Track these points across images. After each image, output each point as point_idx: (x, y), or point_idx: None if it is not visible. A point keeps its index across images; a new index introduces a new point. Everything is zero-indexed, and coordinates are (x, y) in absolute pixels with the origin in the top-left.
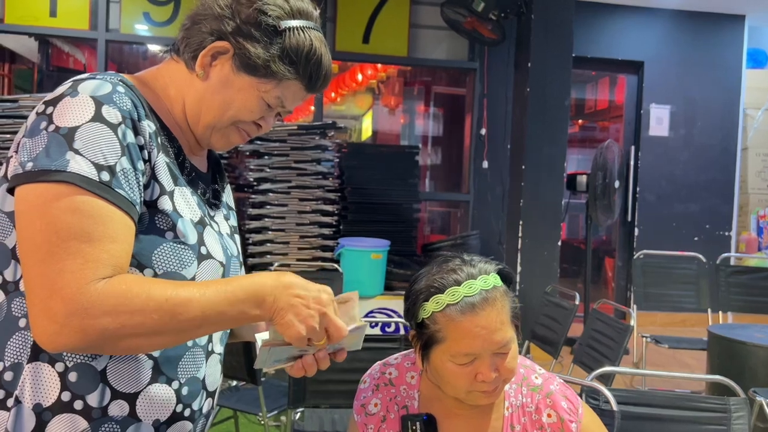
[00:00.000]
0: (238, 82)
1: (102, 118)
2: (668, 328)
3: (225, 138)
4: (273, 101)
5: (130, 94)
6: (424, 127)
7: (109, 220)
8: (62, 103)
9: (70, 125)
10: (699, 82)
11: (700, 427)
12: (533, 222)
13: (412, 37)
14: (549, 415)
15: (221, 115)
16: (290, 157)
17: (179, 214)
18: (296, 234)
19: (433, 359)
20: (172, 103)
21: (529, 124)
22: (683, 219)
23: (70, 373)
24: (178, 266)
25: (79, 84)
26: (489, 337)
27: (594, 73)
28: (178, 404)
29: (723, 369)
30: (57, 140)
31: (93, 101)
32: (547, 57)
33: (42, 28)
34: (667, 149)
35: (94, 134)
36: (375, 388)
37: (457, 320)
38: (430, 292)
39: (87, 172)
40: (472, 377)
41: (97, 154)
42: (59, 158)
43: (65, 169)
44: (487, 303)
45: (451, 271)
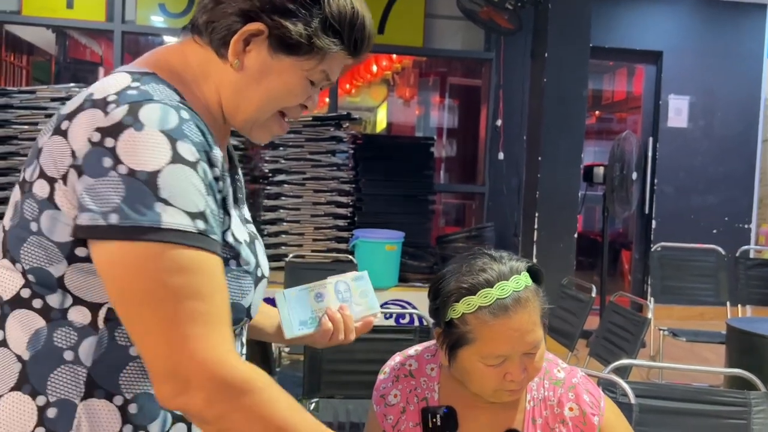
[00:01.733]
0: (278, 65)
1: (180, 158)
2: (686, 321)
3: (267, 130)
4: (318, 77)
5: (194, 117)
6: (439, 118)
7: (213, 271)
8: (127, 137)
9: (149, 169)
10: (719, 72)
11: (720, 421)
12: (549, 214)
13: (428, 27)
14: (571, 409)
15: (263, 107)
16: (305, 148)
17: (238, 240)
18: (311, 225)
19: (461, 359)
20: (207, 97)
21: (545, 115)
22: (702, 211)
23: (131, 405)
24: (240, 296)
25: (139, 111)
26: (521, 339)
27: (611, 64)
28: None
29: (742, 363)
30: (138, 189)
31: (166, 138)
32: (564, 47)
33: (59, 20)
34: (686, 140)
35: (178, 179)
36: (395, 379)
37: (490, 323)
38: (460, 293)
39: (183, 225)
40: (500, 377)
41: (187, 202)
42: (149, 212)
43: (160, 226)
44: (519, 304)
45: (481, 270)
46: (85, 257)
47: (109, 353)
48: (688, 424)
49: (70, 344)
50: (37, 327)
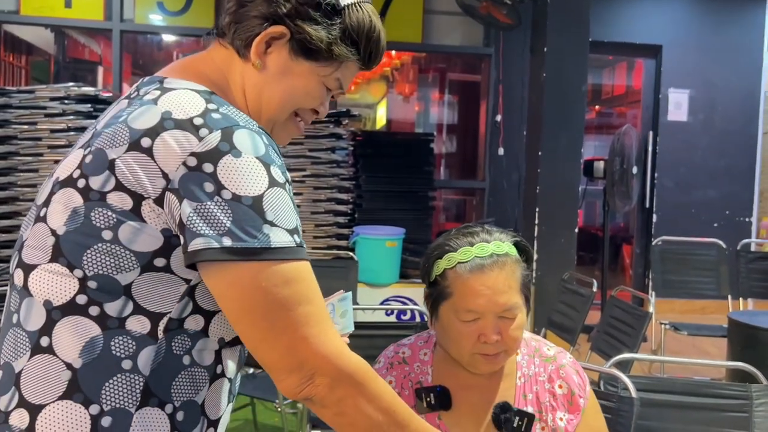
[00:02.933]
0: (298, 68)
1: (275, 181)
2: (687, 315)
3: (285, 131)
4: (333, 84)
5: (271, 140)
6: (438, 114)
7: (311, 277)
8: (226, 164)
9: (254, 194)
10: (718, 66)
11: (722, 414)
12: (550, 209)
13: (426, 23)
14: (560, 386)
15: (283, 107)
16: (305, 145)
17: None
18: (311, 222)
19: (440, 316)
20: (237, 101)
21: (545, 110)
22: (702, 205)
23: (178, 412)
24: None
25: (233, 138)
26: (493, 297)
27: (611, 58)
28: (229, 404)
29: (744, 356)
30: (246, 212)
31: (261, 164)
32: (564, 42)
33: (57, 19)
34: (686, 134)
35: (277, 201)
36: (389, 366)
37: (465, 277)
38: (444, 250)
39: (287, 242)
40: (475, 337)
41: (286, 221)
42: (259, 234)
43: (270, 246)
44: (497, 265)
45: (468, 234)
46: (163, 267)
47: (166, 362)
48: (690, 417)
49: (129, 353)
50: (93, 335)
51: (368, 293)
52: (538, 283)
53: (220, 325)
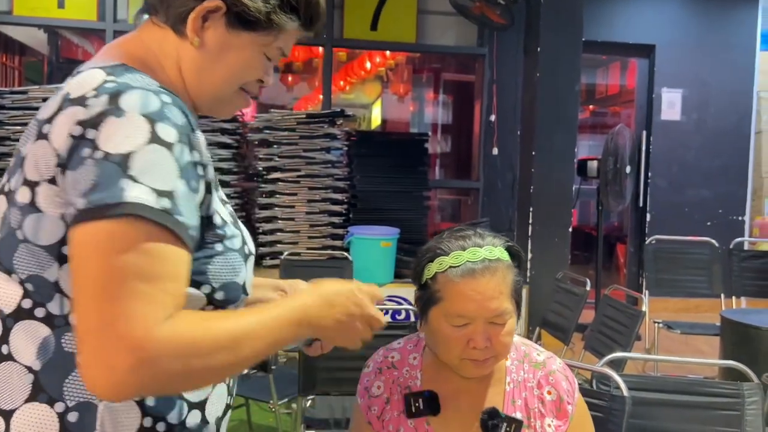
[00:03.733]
0: (236, 41)
1: (157, 138)
2: (680, 313)
3: (231, 105)
4: (274, 53)
5: (178, 101)
6: (433, 114)
7: (169, 256)
8: (107, 125)
9: (123, 151)
10: (712, 65)
11: (714, 412)
12: (544, 208)
13: (421, 23)
14: (549, 392)
15: (227, 83)
16: (299, 145)
17: (224, 220)
18: (306, 223)
19: (430, 320)
20: (171, 79)
21: (539, 110)
22: (696, 204)
23: (148, 397)
24: (231, 275)
25: (120, 99)
26: (484, 303)
27: (604, 58)
28: (228, 396)
29: (736, 354)
30: (109, 169)
31: (145, 120)
32: (557, 41)
33: (50, 20)
34: (680, 134)
35: (150, 158)
36: (378, 372)
37: (456, 282)
38: (435, 253)
39: (146, 199)
40: (464, 342)
41: (155, 180)
42: (113, 188)
43: (122, 200)
44: (488, 270)
45: (460, 238)
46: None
47: None
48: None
49: None
50: (44, 336)
51: None
52: (532, 283)
53: None
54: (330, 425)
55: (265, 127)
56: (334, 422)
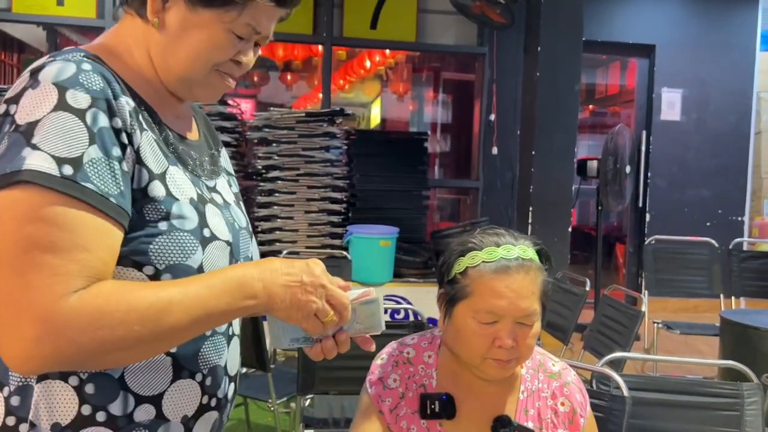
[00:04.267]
0: (198, 19)
1: (66, 105)
2: (679, 313)
3: (208, 87)
4: (243, 30)
5: (101, 68)
6: (432, 113)
7: (77, 225)
8: (24, 98)
9: (30, 120)
10: (711, 65)
11: (713, 412)
12: (543, 208)
13: (421, 22)
14: (563, 404)
15: (192, 64)
16: (298, 144)
17: (174, 198)
18: (305, 222)
19: (456, 316)
20: (141, 66)
21: (539, 110)
22: (695, 204)
23: (87, 385)
24: (180, 257)
25: (40, 72)
26: (516, 301)
27: (604, 57)
28: (204, 395)
29: (736, 354)
30: (15, 139)
31: (56, 88)
32: (557, 41)
33: (49, 17)
34: (679, 134)
35: (55, 125)
36: (394, 364)
37: (489, 277)
38: (468, 247)
39: (45, 167)
40: (490, 341)
41: (57, 147)
42: (15, 158)
43: (20, 168)
44: (522, 268)
45: (494, 234)
46: None
47: None
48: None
49: None
50: None
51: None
52: None
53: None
54: (329, 424)
55: (264, 126)
56: (333, 421)
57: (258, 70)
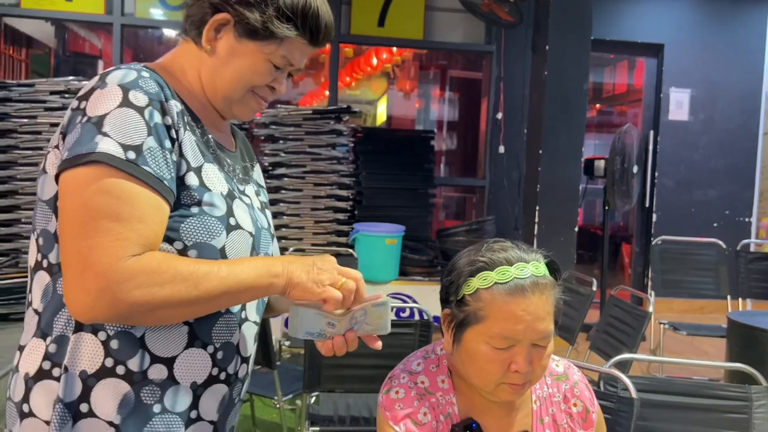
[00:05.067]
0: (243, 49)
1: (129, 102)
2: (684, 314)
3: (245, 106)
4: (279, 61)
5: (156, 77)
6: (439, 111)
7: (137, 200)
8: (93, 95)
9: (100, 113)
10: (720, 65)
11: (721, 415)
12: (550, 207)
13: (428, 20)
14: (575, 405)
15: (235, 85)
16: (305, 141)
17: (207, 188)
18: (311, 219)
19: (466, 341)
20: (191, 84)
21: (546, 109)
22: (702, 205)
23: (112, 340)
24: (206, 237)
25: (107, 76)
26: (533, 324)
27: (612, 57)
28: (214, 368)
29: (743, 357)
30: (88, 128)
31: (120, 89)
32: (566, 40)
33: (58, 13)
34: (687, 134)
35: (121, 118)
36: (419, 398)
37: (503, 300)
38: (477, 267)
39: (114, 151)
40: (505, 366)
41: (123, 136)
42: (89, 143)
43: (94, 150)
44: (537, 289)
45: (501, 250)
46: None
47: None
48: (689, 418)
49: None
50: (45, 282)
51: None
52: None
53: None
54: (334, 422)
55: (271, 123)
56: (339, 419)
57: None
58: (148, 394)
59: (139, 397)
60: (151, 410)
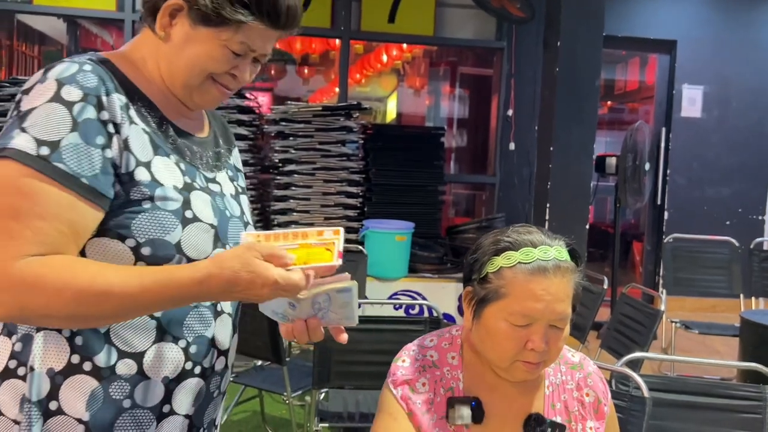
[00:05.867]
0: (198, 35)
1: (59, 97)
2: (696, 313)
3: (205, 94)
4: (238, 47)
5: (99, 70)
6: (449, 108)
7: (40, 197)
8: (33, 90)
9: (28, 108)
10: (733, 62)
11: (734, 415)
12: (561, 205)
13: (439, 16)
14: (587, 394)
15: (191, 73)
16: (315, 138)
17: (158, 182)
18: (321, 215)
19: (486, 317)
20: (151, 72)
21: (557, 105)
22: (715, 202)
23: (77, 337)
24: (160, 232)
25: (50, 70)
26: (552, 304)
27: (624, 53)
28: (187, 362)
29: (756, 356)
30: (13, 123)
31: (56, 83)
32: (577, 36)
33: (70, 9)
34: (700, 131)
35: (45, 113)
36: (421, 369)
37: (525, 279)
38: (502, 246)
39: (25, 146)
40: (521, 344)
41: (41, 131)
42: (6, 137)
43: (5, 146)
44: (559, 271)
45: (527, 232)
46: None
47: None
48: (702, 418)
49: None
50: None
51: (377, 287)
52: None
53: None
54: (344, 418)
55: (281, 119)
56: (348, 415)
57: (275, 63)
58: (117, 390)
59: (108, 392)
60: (121, 405)
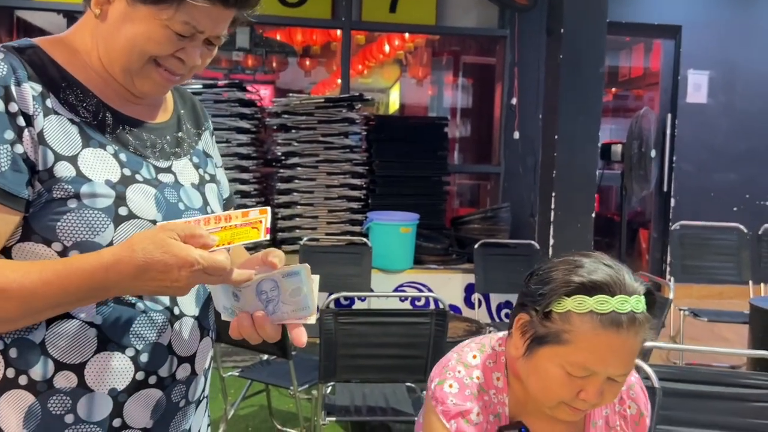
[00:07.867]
0: (136, 14)
1: None
2: (703, 300)
3: (147, 79)
4: (181, 28)
5: (11, 59)
6: (452, 98)
7: None
8: None
9: None
10: (739, 46)
11: (746, 404)
12: (566, 193)
13: (440, 4)
14: (629, 407)
15: (129, 55)
16: (317, 130)
17: (86, 178)
18: (325, 208)
19: (539, 356)
20: (90, 56)
21: (561, 93)
22: (722, 189)
23: (11, 349)
24: (88, 234)
25: None
26: (619, 360)
27: (628, 39)
28: (138, 372)
29: (766, 342)
30: None
31: None
32: (581, 23)
33: (69, 5)
34: (706, 117)
35: None
36: (472, 397)
37: (595, 332)
38: (575, 287)
39: None
40: (574, 393)
41: None
42: None
43: None
44: (633, 326)
45: (602, 272)
46: None
47: None
48: (713, 407)
49: None
50: None
51: (382, 279)
52: None
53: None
54: (350, 412)
55: (283, 112)
56: (355, 409)
57: (276, 55)
58: (57, 405)
59: (47, 408)
60: (63, 421)
